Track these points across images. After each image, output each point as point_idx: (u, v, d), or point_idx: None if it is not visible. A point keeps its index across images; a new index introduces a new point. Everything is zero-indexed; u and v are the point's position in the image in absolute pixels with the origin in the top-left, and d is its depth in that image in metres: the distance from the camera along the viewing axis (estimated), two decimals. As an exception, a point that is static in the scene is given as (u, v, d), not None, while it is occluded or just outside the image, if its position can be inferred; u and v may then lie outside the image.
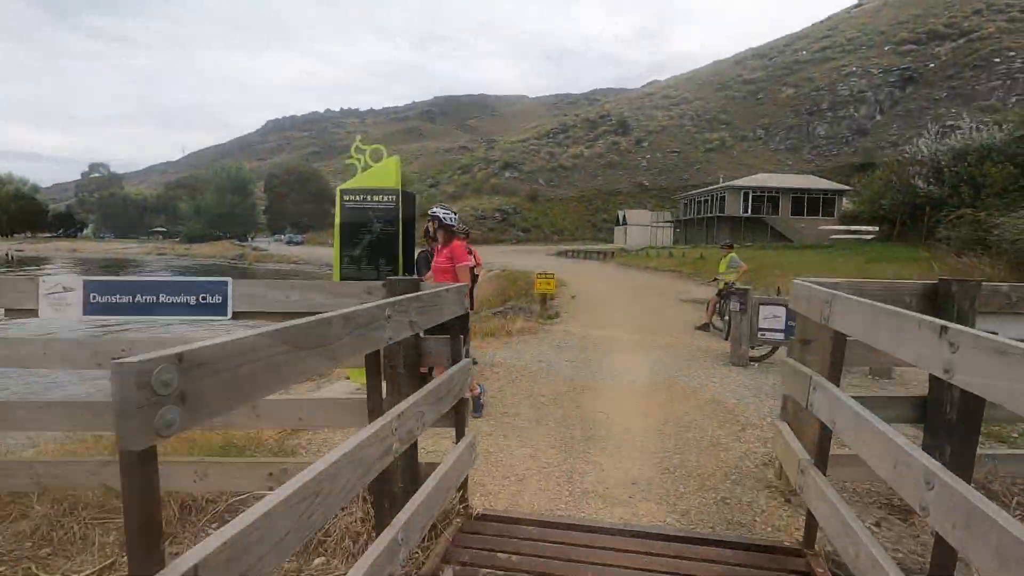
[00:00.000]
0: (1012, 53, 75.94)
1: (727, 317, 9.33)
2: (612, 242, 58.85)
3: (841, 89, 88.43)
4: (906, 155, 28.48)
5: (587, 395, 5.37)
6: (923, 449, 2.96)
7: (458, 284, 2.61)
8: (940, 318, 2.87)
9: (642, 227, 55.62)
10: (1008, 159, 21.29)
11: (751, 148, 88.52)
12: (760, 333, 7.00)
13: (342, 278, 5.38)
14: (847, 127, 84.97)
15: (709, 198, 47.32)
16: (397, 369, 2.59)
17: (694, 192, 53.37)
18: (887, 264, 19.24)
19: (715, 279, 10.47)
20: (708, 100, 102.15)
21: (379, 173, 5.39)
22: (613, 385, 5.78)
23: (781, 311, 6.94)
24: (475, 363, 6.56)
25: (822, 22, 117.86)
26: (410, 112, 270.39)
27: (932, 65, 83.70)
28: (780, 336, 6.95)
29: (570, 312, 12.56)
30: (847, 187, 45.39)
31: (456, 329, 2.68)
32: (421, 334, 2.61)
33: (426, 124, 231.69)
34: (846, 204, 38.18)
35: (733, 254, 9.90)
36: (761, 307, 7.00)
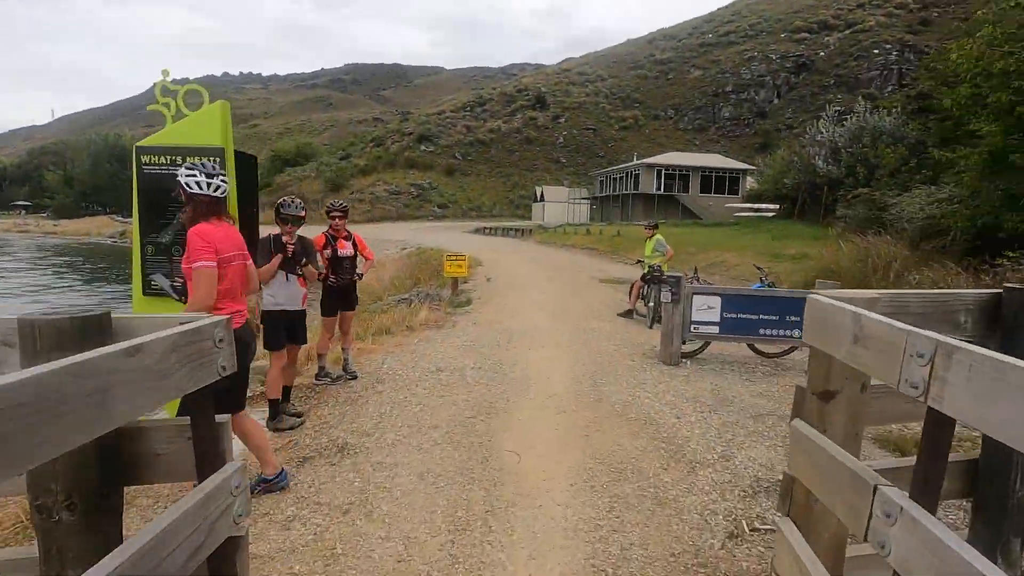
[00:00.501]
0: (888, 45, 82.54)
1: (651, 303, 8.52)
2: (530, 219, 58.31)
3: (744, 73, 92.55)
4: (806, 136, 29.60)
5: (494, 422, 4.17)
6: (970, 542, 2.00)
7: (194, 323, 1.25)
8: (1010, 342, 1.87)
9: (560, 204, 55.39)
10: (897, 141, 22.40)
11: (662, 127, 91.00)
12: (693, 327, 6.13)
13: (145, 276, 3.77)
14: (748, 109, 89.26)
15: (624, 175, 47.69)
16: (53, 513, 1.20)
17: (610, 169, 53.71)
18: (791, 241, 19.67)
19: (639, 261, 9.64)
20: (622, 78, 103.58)
21: (196, 125, 3.79)
22: (528, 404, 4.62)
23: (716, 301, 6.09)
24: (355, 378, 5.16)
25: (727, 7, 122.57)
26: (319, 79, 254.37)
27: (822, 54, 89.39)
28: (715, 330, 6.11)
29: (484, 297, 11.35)
30: (751, 166, 47.37)
31: (206, 409, 1.33)
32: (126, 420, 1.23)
33: (337, 93, 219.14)
34: (751, 183, 39.70)
35: (659, 236, 9.06)
36: (695, 297, 6.12)
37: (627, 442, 3.82)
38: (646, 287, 8.82)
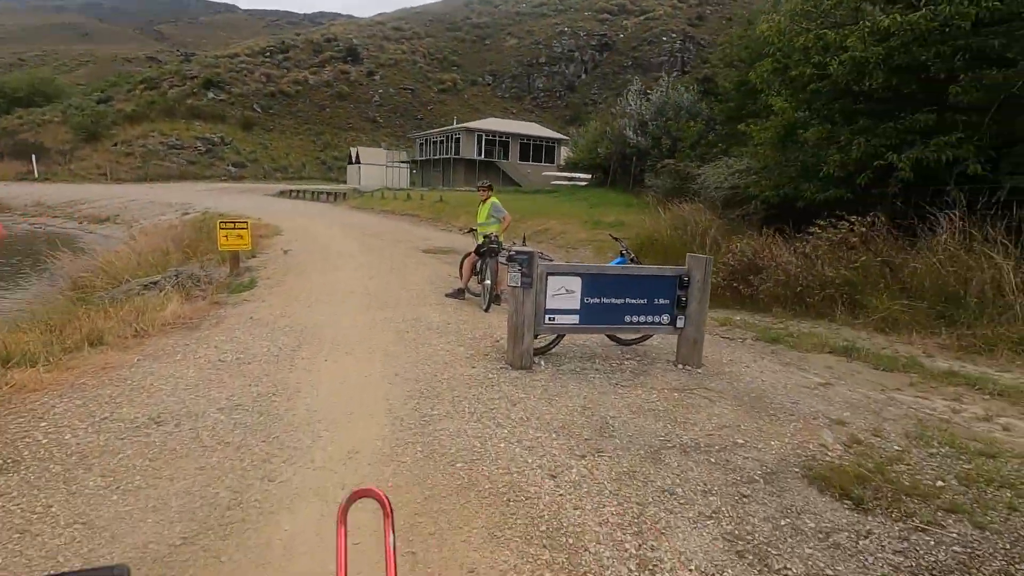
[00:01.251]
0: (674, 34, 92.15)
1: (488, 281, 7.00)
2: (345, 182, 53.63)
3: (555, 46, 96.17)
4: (616, 108, 30.84)
5: (231, 553, 2.16)
6: None
7: None
8: None
9: (377, 167, 51.67)
10: (693, 116, 24.17)
11: (480, 93, 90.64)
12: (548, 317, 4.68)
13: None
14: (559, 82, 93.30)
15: (445, 139, 45.88)
16: None
17: (430, 132, 51.42)
18: (608, 208, 20.00)
19: (471, 230, 8.02)
20: (439, 39, 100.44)
21: None
22: (307, 485, 2.66)
23: (576, 283, 4.70)
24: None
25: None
26: (67, 3, 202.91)
27: (622, 35, 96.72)
28: (574, 320, 4.74)
29: (276, 277, 8.78)
30: (565, 137, 49.01)
31: None
32: None
33: (95, 22, 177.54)
34: (565, 152, 40.86)
35: (494, 199, 7.50)
36: (549, 279, 4.65)
37: (486, 559, 2.15)
38: (481, 261, 7.25)
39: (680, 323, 4.86)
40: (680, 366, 4.91)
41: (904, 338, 6.49)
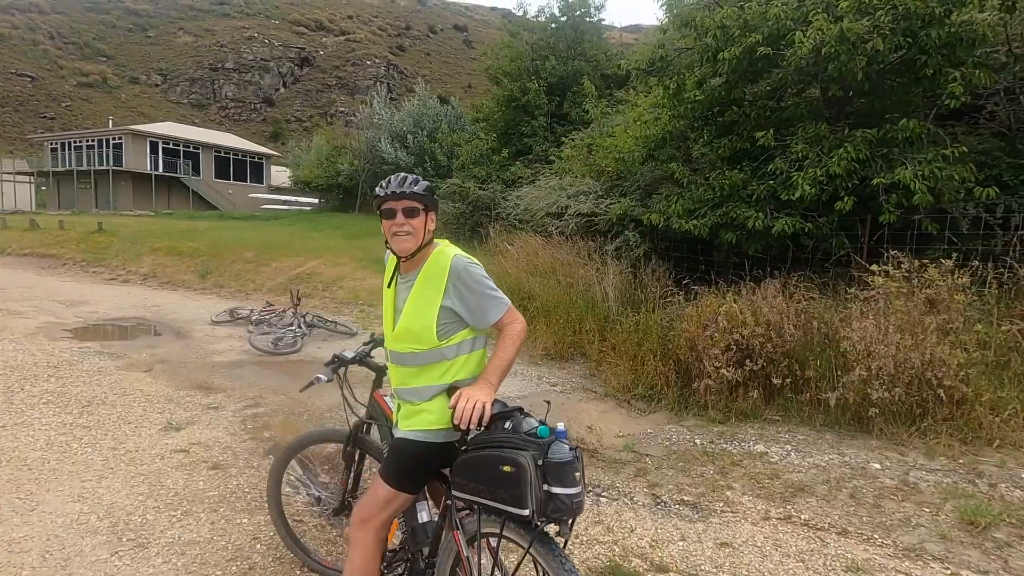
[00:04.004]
0: (377, 59, 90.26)
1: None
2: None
3: (245, 52, 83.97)
4: (358, 116, 25.61)
5: None
6: None
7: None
8: None
9: (-29, 179, 34.07)
10: (459, 130, 20.98)
11: (146, 94, 72.47)
12: None
13: None
14: (254, 93, 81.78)
15: (96, 144, 32.65)
16: None
17: (70, 135, 36.46)
18: (375, 239, 14.34)
19: (353, 359, 2.07)
20: (76, 19, 77.05)
21: None
22: None
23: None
24: None
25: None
26: None
27: (322, 52, 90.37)
28: None
29: None
30: (277, 153, 40.79)
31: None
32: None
33: None
34: (288, 171, 32.87)
35: (459, 253, 1.83)
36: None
37: None
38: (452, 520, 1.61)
39: None
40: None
41: None
